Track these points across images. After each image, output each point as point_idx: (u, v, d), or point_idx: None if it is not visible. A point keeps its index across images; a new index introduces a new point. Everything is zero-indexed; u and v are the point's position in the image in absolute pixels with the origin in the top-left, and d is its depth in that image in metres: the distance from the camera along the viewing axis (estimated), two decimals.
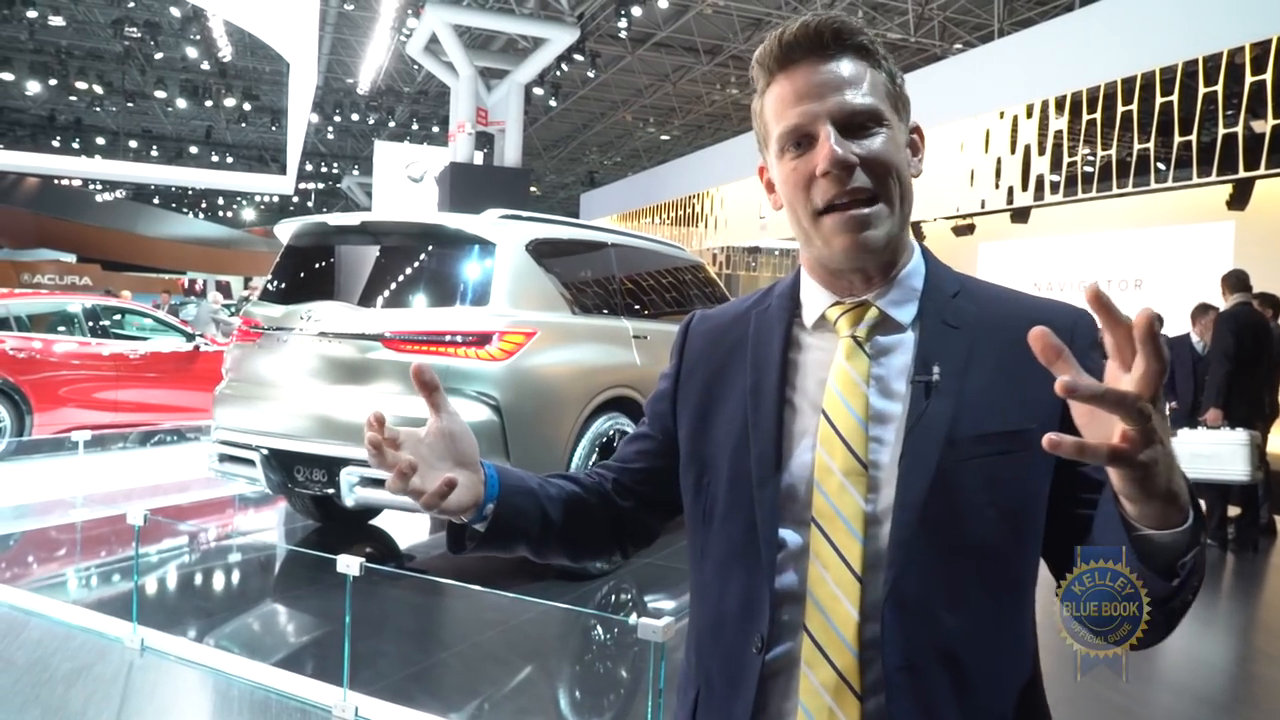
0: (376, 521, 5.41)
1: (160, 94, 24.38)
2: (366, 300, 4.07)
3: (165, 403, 7.84)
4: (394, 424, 3.44)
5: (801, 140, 0.96)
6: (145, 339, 7.98)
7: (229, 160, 33.95)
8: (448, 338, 3.84)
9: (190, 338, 8.07)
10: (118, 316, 8.10)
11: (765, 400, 1.01)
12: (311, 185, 37.50)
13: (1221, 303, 6.07)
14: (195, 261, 34.38)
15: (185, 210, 42.45)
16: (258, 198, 41.84)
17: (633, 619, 2.39)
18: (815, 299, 1.04)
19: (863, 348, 0.98)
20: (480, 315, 3.88)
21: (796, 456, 0.98)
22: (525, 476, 1.11)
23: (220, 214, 44.33)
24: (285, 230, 4.52)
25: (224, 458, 4.29)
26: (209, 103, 25.02)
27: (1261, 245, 14.60)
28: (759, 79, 1.02)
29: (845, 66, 0.96)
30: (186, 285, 26.32)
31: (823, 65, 0.96)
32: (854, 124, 0.95)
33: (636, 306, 4.86)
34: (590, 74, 20.13)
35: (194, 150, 33.02)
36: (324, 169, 34.99)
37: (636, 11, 16.16)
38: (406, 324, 3.88)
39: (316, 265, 4.44)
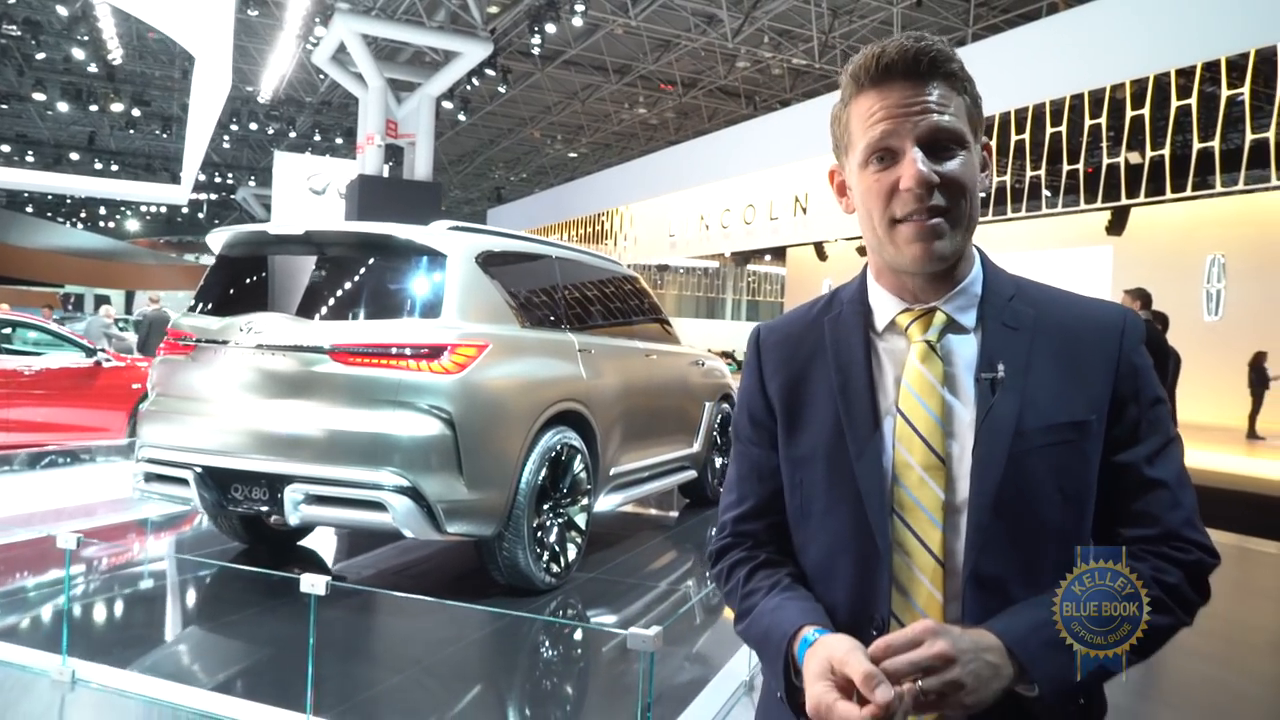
0: (304, 542, 5.21)
1: (39, 96, 23.05)
2: (311, 312, 3.92)
3: (63, 422, 7.37)
4: (334, 437, 3.32)
5: (885, 154, 1.01)
6: (39, 354, 7.50)
7: (113, 168, 32.35)
8: (396, 350, 3.75)
9: (91, 353, 7.61)
10: (8, 330, 7.59)
11: (858, 399, 1.06)
12: (203, 196, 36.01)
13: None
14: (74, 274, 32.44)
15: (62, 220, 40.18)
16: (143, 208, 39.94)
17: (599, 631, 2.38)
18: (885, 305, 1.09)
19: (935, 351, 1.04)
20: (432, 327, 3.79)
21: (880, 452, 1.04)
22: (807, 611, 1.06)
23: (102, 224, 42.13)
24: (217, 240, 4.33)
25: (151, 477, 4.06)
26: (94, 107, 23.80)
27: (1137, 268, 15.61)
28: (846, 89, 1.07)
29: (935, 91, 1.01)
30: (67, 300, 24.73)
31: (915, 87, 1.01)
32: (937, 145, 1.00)
33: (580, 319, 4.85)
34: (501, 89, 20.01)
35: (75, 156, 31.32)
36: (218, 179, 33.67)
37: (550, 28, 16.17)
38: (355, 336, 3.77)
39: (256, 276, 4.27)
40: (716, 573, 1.18)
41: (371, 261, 4.10)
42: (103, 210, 41.29)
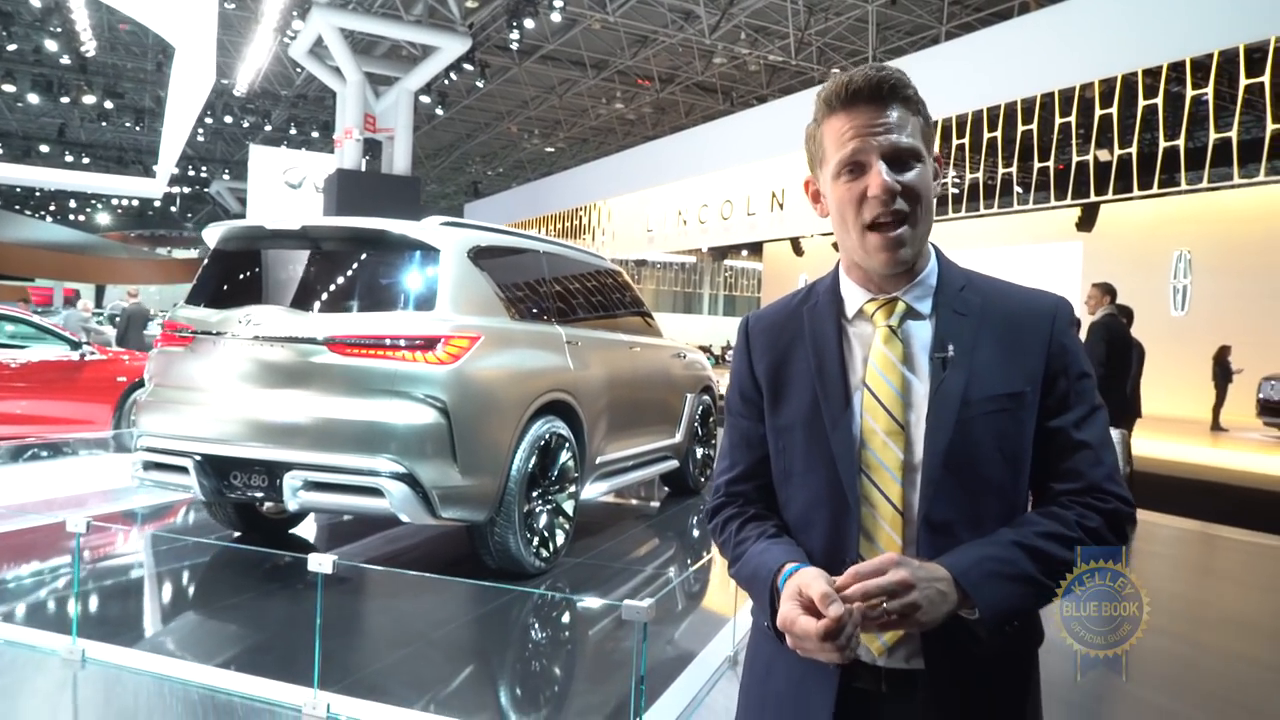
0: (294, 531, 5.31)
1: (9, 87, 22.77)
2: (308, 304, 4.03)
3: (49, 414, 7.39)
4: (332, 425, 3.56)
5: (855, 167, 1.19)
6: (23, 347, 7.50)
7: (84, 160, 31.96)
8: (391, 341, 3.86)
9: (76, 345, 7.62)
10: None
11: (831, 376, 1.24)
12: (176, 189, 35.66)
13: (1086, 309, 6.65)
14: (45, 268, 32.05)
15: (30, 213, 39.66)
16: (115, 201, 39.50)
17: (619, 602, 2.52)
18: (854, 295, 1.27)
19: (896, 334, 1.22)
20: (426, 320, 3.91)
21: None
22: (790, 552, 1.22)
23: (72, 217, 41.62)
24: (213, 234, 4.42)
25: (150, 465, 4.15)
26: (65, 99, 23.55)
27: (1106, 263, 15.95)
28: (819, 110, 1.25)
29: (895, 113, 1.19)
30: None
31: (879, 110, 1.18)
32: (898, 159, 1.18)
33: (567, 312, 4.98)
34: (479, 84, 20.03)
35: (45, 149, 30.93)
36: (191, 172, 33.37)
37: (529, 24, 16.23)
38: (352, 328, 3.87)
39: (252, 270, 4.36)
40: (712, 526, 1.36)
41: (366, 256, 4.20)
42: (73, 203, 40.79)
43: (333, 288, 4.15)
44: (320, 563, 2.80)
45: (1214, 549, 6.62)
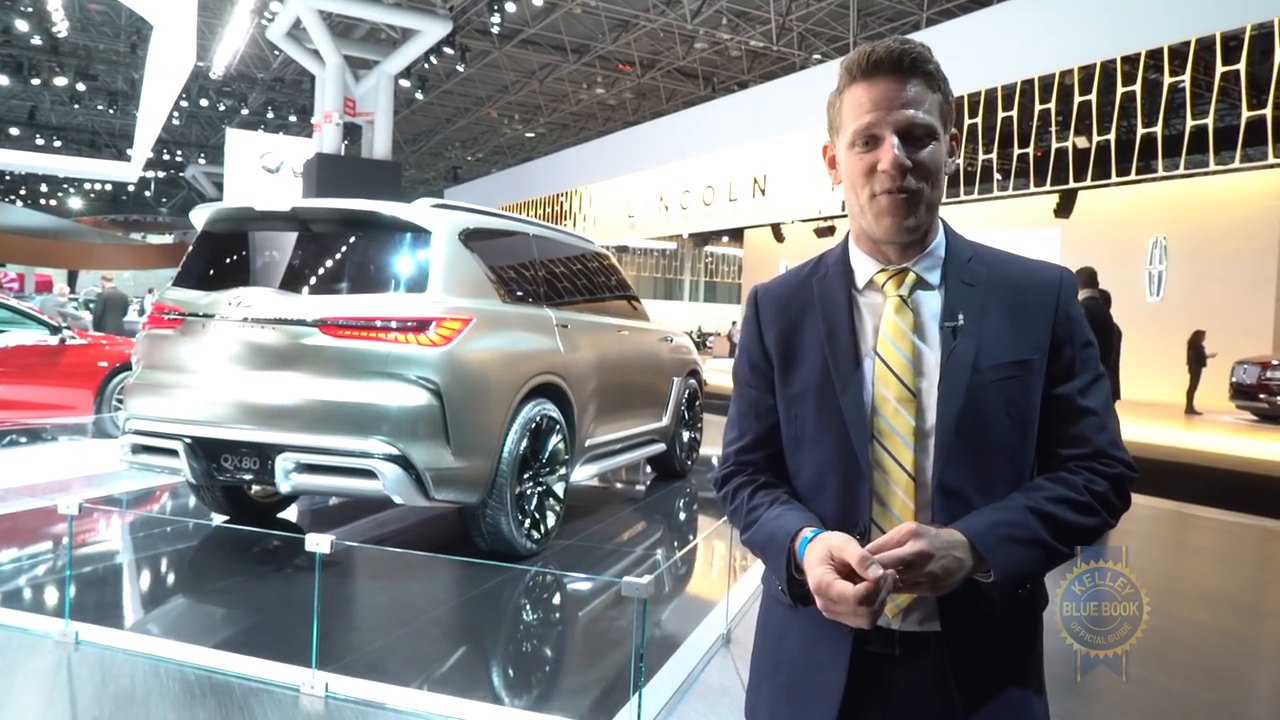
0: (282, 515, 5.30)
1: None
2: (299, 286, 4.01)
3: (29, 399, 7.30)
4: (324, 407, 3.57)
5: (869, 139, 1.20)
6: (2, 332, 7.41)
7: (55, 143, 31.44)
8: (383, 323, 3.86)
9: (55, 330, 7.54)
10: None
11: (842, 345, 1.26)
12: (151, 173, 35.16)
13: None
14: (17, 253, 31.51)
15: None
16: (88, 185, 38.92)
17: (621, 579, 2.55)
18: (864, 266, 1.28)
19: (907, 304, 1.24)
20: (418, 301, 3.91)
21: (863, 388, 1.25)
22: (805, 518, 1.24)
23: (44, 201, 40.95)
24: (201, 215, 4.39)
25: (139, 448, 4.12)
26: (35, 81, 23.14)
27: (1083, 249, 16.10)
28: (841, 78, 1.25)
29: (914, 87, 1.19)
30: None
31: (898, 83, 1.19)
32: (912, 135, 1.19)
33: (556, 295, 4.99)
34: (460, 68, 19.88)
35: (15, 132, 30.40)
36: (165, 156, 32.90)
37: (510, 7, 16.12)
38: (344, 309, 3.86)
39: (241, 252, 4.33)
40: (723, 495, 1.37)
41: (356, 238, 4.19)
42: (44, 187, 40.14)
43: (323, 269, 4.13)
44: (318, 543, 2.81)
45: (1188, 528, 6.75)
